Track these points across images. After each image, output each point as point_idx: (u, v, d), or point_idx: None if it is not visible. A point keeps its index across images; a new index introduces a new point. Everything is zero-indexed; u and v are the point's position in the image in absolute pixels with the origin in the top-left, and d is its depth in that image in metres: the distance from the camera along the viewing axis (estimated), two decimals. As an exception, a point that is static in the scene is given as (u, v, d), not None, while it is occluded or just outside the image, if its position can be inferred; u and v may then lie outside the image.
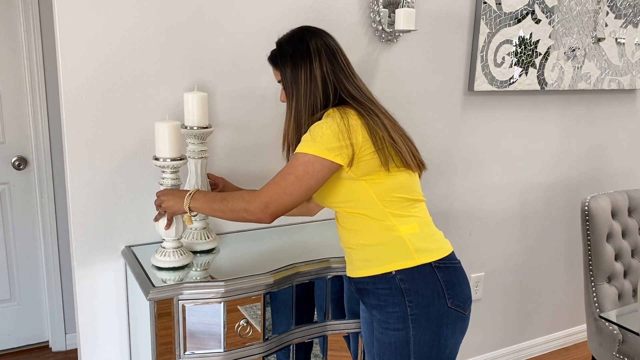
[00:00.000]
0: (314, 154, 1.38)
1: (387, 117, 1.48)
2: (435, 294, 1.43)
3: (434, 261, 1.45)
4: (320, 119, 1.45)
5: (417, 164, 1.49)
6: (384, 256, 1.45)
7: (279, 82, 1.55)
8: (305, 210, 1.79)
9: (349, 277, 1.56)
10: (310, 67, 1.47)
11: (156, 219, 1.61)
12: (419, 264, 1.44)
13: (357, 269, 1.51)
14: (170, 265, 1.64)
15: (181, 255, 1.65)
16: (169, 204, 1.54)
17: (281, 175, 1.41)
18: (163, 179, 1.62)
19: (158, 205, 1.58)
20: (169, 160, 1.59)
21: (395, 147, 1.43)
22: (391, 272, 1.44)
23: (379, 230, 1.45)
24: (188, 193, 1.52)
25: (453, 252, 1.51)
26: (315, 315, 1.77)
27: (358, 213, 1.46)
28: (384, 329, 1.46)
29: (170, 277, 1.59)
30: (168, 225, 1.60)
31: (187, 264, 1.67)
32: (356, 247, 1.50)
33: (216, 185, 1.79)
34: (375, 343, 1.50)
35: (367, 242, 1.48)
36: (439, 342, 1.44)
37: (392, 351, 1.45)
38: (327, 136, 1.38)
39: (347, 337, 1.82)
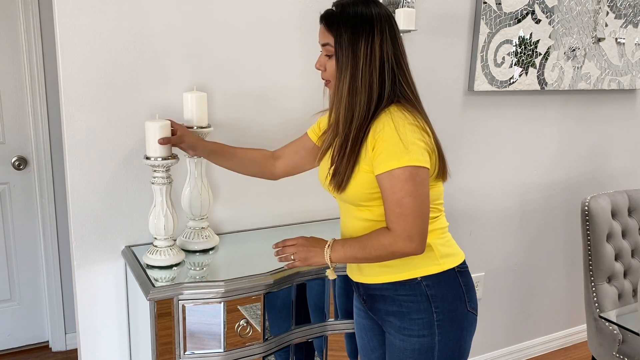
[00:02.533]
0: (413, 165, 1.27)
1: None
2: (458, 299, 1.41)
3: (456, 266, 1.43)
4: (374, 115, 1.32)
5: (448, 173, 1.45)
6: (410, 262, 1.38)
7: (323, 45, 1.38)
8: (268, 173, 1.69)
9: (356, 283, 1.51)
10: (372, 41, 1.31)
11: (288, 267, 1.44)
12: (445, 269, 1.41)
13: (373, 275, 1.44)
14: (164, 264, 1.64)
15: (173, 254, 1.66)
16: (306, 255, 1.40)
17: (397, 204, 1.28)
18: (155, 178, 1.62)
19: (289, 253, 1.42)
20: (160, 159, 1.59)
21: (442, 155, 1.39)
22: (416, 279, 1.39)
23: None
24: (326, 245, 1.38)
25: None
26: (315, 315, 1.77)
27: None
28: (405, 336, 1.41)
29: (164, 276, 1.59)
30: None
31: (179, 262, 1.68)
32: None
33: (175, 131, 1.60)
34: (392, 350, 1.45)
35: None
36: (461, 346, 1.43)
37: (415, 357, 1.41)
38: (416, 143, 1.29)
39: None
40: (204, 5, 1.79)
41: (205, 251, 1.78)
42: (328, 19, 1.36)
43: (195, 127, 1.70)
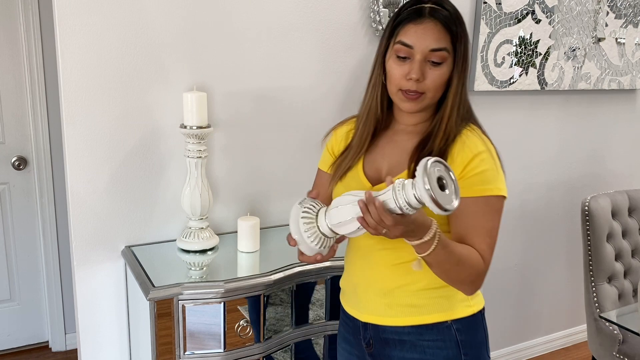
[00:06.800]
0: (504, 196, 1.19)
1: None
2: (482, 345, 1.29)
3: (483, 308, 1.30)
4: (456, 130, 1.20)
5: None
6: (441, 302, 1.23)
7: (435, 51, 1.15)
8: None
9: (364, 324, 1.30)
10: (468, 56, 1.18)
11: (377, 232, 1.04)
12: (475, 311, 1.27)
13: (394, 316, 1.24)
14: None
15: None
16: (403, 232, 1.04)
17: (489, 234, 1.18)
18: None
19: (382, 226, 1.02)
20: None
21: None
22: (447, 322, 1.23)
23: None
24: (432, 230, 1.06)
25: None
26: (315, 316, 1.77)
27: None
28: None
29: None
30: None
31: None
32: (408, 288, 1.23)
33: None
34: None
35: (428, 285, 1.22)
36: None
37: None
38: (501, 168, 1.21)
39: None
40: (204, 5, 1.79)
41: (205, 251, 1.78)
42: (446, 20, 1.16)
43: (195, 127, 1.70)
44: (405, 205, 0.99)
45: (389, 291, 1.25)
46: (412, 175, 1.12)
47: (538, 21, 2.42)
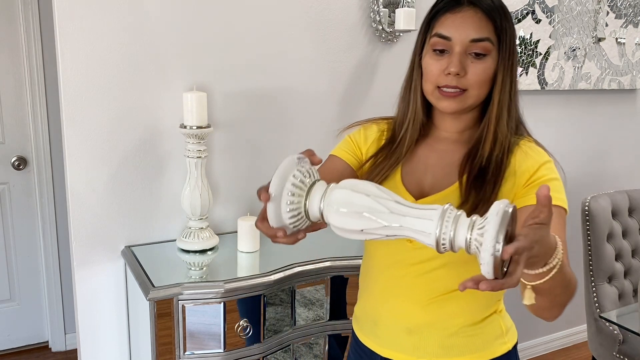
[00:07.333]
0: (567, 210, 1.04)
1: None
2: None
3: (517, 342, 1.15)
4: (509, 135, 1.09)
5: None
6: (475, 342, 1.08)
7: (477, 41, 1.01)
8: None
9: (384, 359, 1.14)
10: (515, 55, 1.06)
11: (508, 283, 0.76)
12: (510, 348, 1.13)
13: (422, 357, 1.10)
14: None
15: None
16: (538, 251, 0.78)
17: (564, 243, 0.94)
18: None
19: (520, 254, 0.74)
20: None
21: None
22: None
23: (486, 302, 1.06)
24: (555, 257, 0.84)
25: None
26: (315, 315, 1.77)
27: None
28: None
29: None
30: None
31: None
32: (440, 326, 1.09)
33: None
34: None
35: (465, 322, 1.08)
36: None
37: None
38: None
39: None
40: (204, 5, 1.79)
41: (205, 251, 1.78)
42: (488, 8, 1.02)
43: (194, 127, 1.69)
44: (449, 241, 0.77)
45: (418, 329, 1.09)
46: (465, 196, 1.01)
47: (538, 21, 2.42)
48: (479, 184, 1.02)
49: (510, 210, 0.73)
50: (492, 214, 0.72)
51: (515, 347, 1.15)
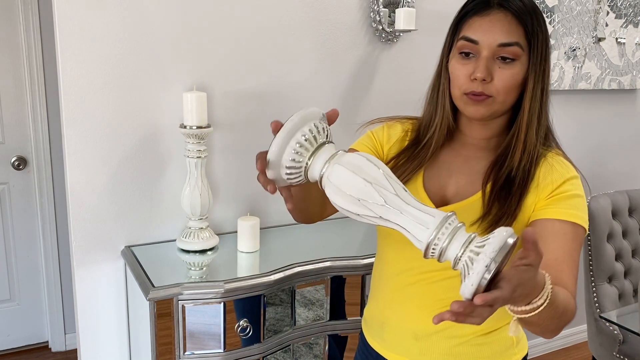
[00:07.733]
0: (586, 229, 1.01)
1: None
2: None
3: (527, 353, 1.14)
4: (539, 146, 1.05)
5: None
6: (483, 351, 1.07)
7: (505, 46, 0.98)
8: (327, 213, 1.14)
9: None
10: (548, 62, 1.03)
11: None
12: (520, 359, 1.12)
13: None
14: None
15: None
16: (521, 293, 0.76)
17: (575, 264, 0.97)
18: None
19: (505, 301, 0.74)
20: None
21: None
22: None
23: (500, 313, 0.92)
24: (544, 292, 0.81)
25: None
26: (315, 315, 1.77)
27: None
28: None
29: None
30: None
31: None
32: (448, 333, 1.07)
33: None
34: None
35: (473, 331, 1.06)
36: None
37: None
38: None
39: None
40: (204, 5, 1.79)
41: (205, 251, 1.78)
42: (519, 11, 0.99)
43: (194, 127, 1.69)
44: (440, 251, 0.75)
45: (425, 336, 1.08)
46: (488, 207, 0.99)
47: (538, 21, 2.42)
48: (504, 195, 1.00)
49: (512, 241, 0.71)
50: (494, 240, 0.70)
51: (524, 358, 1.13)
